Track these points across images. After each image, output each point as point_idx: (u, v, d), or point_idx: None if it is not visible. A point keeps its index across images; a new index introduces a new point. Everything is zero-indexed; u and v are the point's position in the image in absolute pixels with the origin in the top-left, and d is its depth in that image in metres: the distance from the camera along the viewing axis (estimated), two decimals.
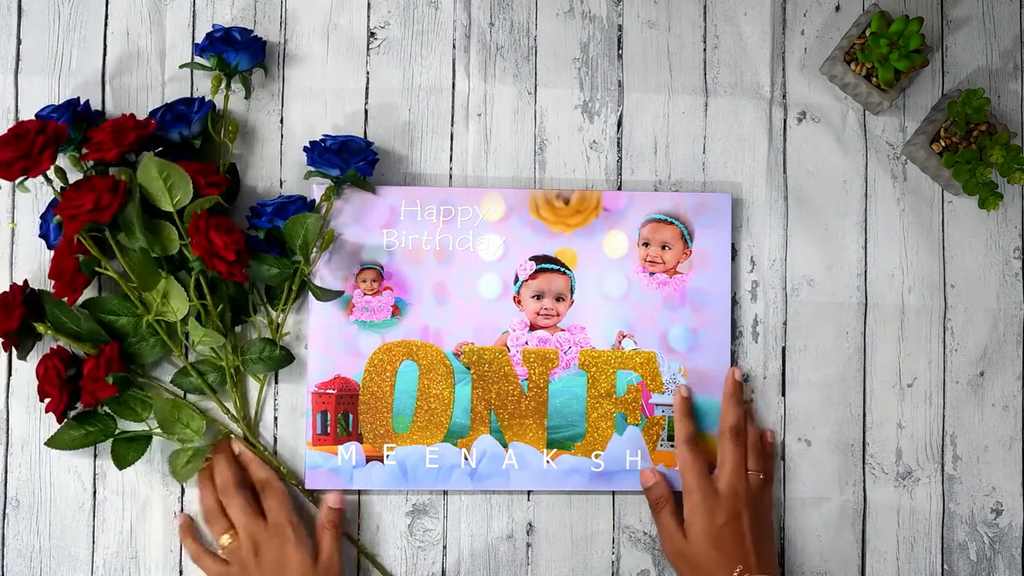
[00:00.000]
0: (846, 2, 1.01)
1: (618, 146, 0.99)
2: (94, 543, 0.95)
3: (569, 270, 0.97)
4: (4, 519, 0.95)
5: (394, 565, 0.96)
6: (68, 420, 0.91)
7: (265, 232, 0.93)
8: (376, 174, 0.97)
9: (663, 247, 0.97)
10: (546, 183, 0.99)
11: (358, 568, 0.96)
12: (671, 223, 0.97)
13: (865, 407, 0.99)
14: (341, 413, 0.95)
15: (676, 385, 0.96)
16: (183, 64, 0.95)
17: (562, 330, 0.96)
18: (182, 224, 0.87)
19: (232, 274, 0.86)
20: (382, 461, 0.95)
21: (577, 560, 0.97)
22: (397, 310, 0.95)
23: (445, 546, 0.96)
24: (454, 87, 0.99)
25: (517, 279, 0.96)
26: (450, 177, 0.98)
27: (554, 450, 0.96)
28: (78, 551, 0.95)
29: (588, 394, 0.96)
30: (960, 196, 1.01)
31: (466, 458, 0.95)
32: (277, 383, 0.96)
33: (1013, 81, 1.02)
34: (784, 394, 0.99)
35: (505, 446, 0.95)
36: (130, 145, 0.87)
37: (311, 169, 0.93)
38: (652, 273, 0.97)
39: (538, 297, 0.96)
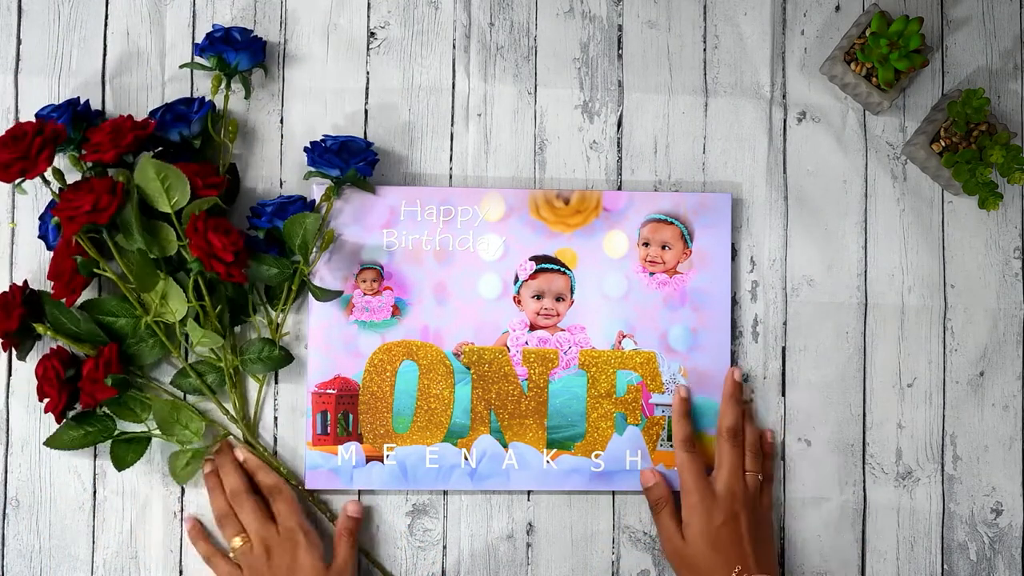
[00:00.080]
0: (846, 2, 1.01)
1: (618, 146, 0.99)
2: (94, 543, 0.95)
3: (569, 270, 0.97)
4: (4, 519, 0.95)
5: (394, 565, 0.96)
6: (67, 420, 0.91)
7: (265, 232, 0.93)
8: (376, 174, 0.97)
9: (663, 247, 0.97)
10: (546, 183, 0.99)
11: (359, 568, 0.96)
12: (671, 223, 0.97)
13: (865, 407, 0.99)
14: (341, 413, 0.95)
15: (675, 385, 0.96)
16: (183, 64, 0.95)
17: (562, 330, 0.96)
18: (180, 225, 0.87)
19: (231, 275, 0.86)
20: (382, 461, 0.95)
21: (577, 560, 0.97)
22: (397, 310, 0.95)
23: (445, 546, 0.96)
24: (454, 87, 0.99)
25: (517, 279, 0.96)
26: (450, 177, 0.98)
27: (554, 450, 0.96)
28: (78, 551, 0.95)
29: (588, 394, 0.96)
30: (960, 196, 1.01)
31: (466, 458, 0.95)
32: (277, 383, 0.96)
33: (1013, 81, 1.02)
34: (784, 394, 0.99)
35: (505, 446, 0.95)
36: (128, 146, 0.87)
37: (311, 169, 0.93)
38: (652, 273, 0.97)
39: (538, 297, 0.96)
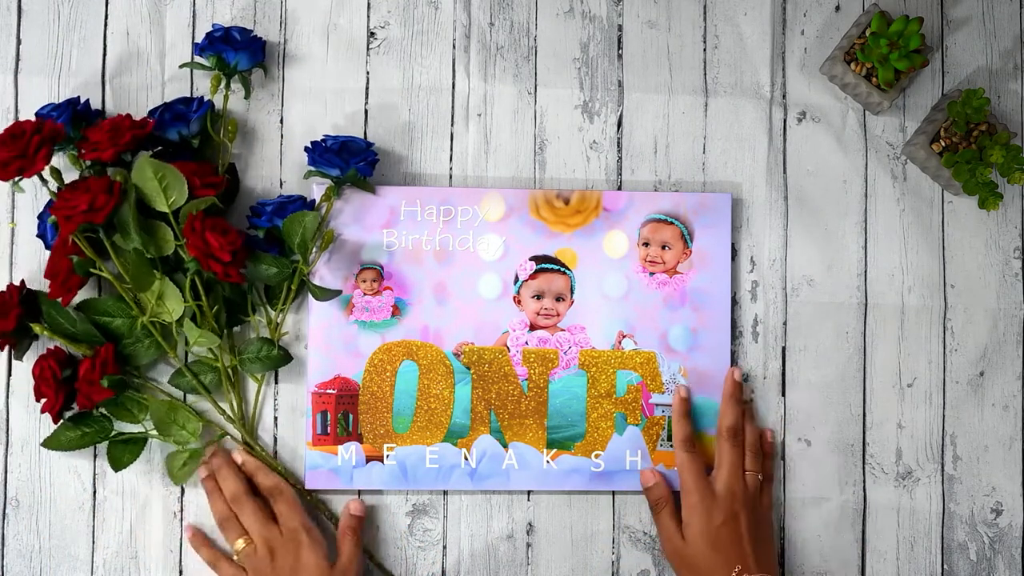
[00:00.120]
0: (846, 2, 1.01)
1: (618, 146, 0.99)
2: (94, 543, 0.95)
3: (569, 270, 0.97)
4: (4, 519, 0.95)
5: (394, 565, 0.96)
6: (64, 421, 0.91)
7: (264, 231, 0.93)
8: (376, 174, 0.97)
9: (663, 247, 0.97)
10: (546, 183, 0.99)
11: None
12: (671, 223, 0.97)
13: (865, 407, 0.99)
14: (341, 413, 0.95)
15: (675, 385, 0.96)
16: (183, 64, 0.95)
17: (562, 330, 0.96)
18: (177, 225, 0.87)
19: (228, 275, 0.86)
20: (382, 461, 0.95)
21: (577, 560, 0.97)
22: (397, 310, 0.95)
23: (445, 546, 0.96)
24: (454, 87, 0.99)
25: (517, 279, 0.96)
26: (450, 177, 0.98)
27: (554, 450, 0.96)
28: (78, 551, 0.95)
29: (588, 394, 0.96)
30: (960, 196, 1.01)
31: (466, 458, 0.95)
32: (277, 383, 0.96)
33: (1013, 81, 1.02)
34: (784, 394, 0.99)
35: (505, 446, 0.95)
36: (126, 145, 0.87)
37: (311, 169, 0.93)
38: (652, 273, 0.97)
39: (538, 297, 0.96)
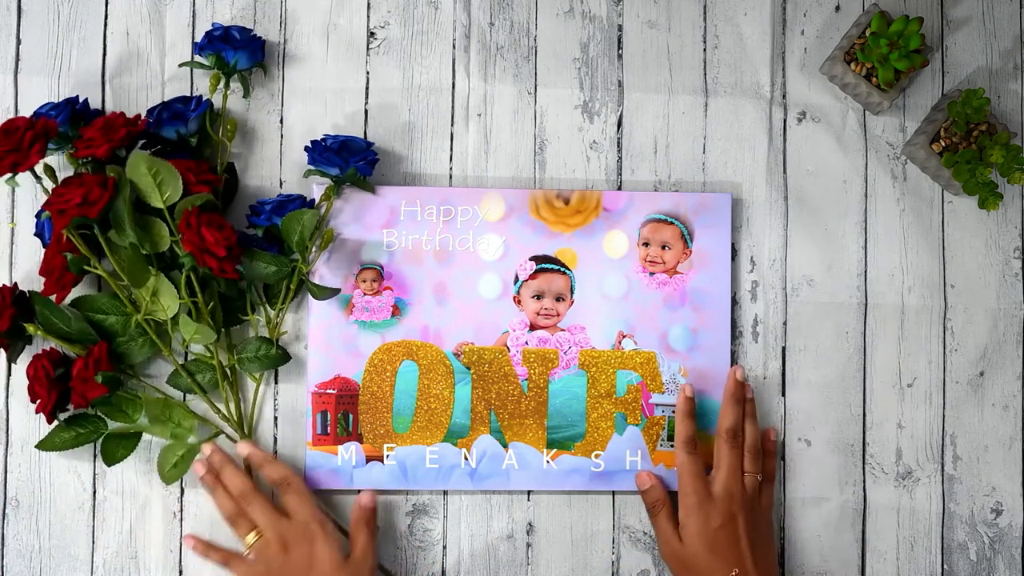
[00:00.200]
0: (846, 2, 1.01)
1: (618, 146, 0.99)
2: (94, 543, 0.95)
3: (569, 270, 0.97)
4: (4, 519, 0.95)
5: (394, 565, 0.96)
6: (59, 423, 0.91)
7: (263, 230, 0.93)
8: (376, 174, 0.97)
9: (663, 247, 0.97)
10: (546, 183, 0.99)
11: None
12: (671, 223, 0.97)
13: (865, 407, 0.99)
14: (341, 413, 0.95)
15: (681, 384, 0.96)
16: (182, 63, 0.95)
17: (562, 330, 0.96)
18: (172, 221, 0.87)
19: (223, 270, 0.86)
20: (382, 461, 0.95)
21: (577, 560, 0.97)
22: (397, 310, 0.95)
23: (445, 546, 0.96)
24: (454, 87, 0.99)
25: (517, 279, 0.96)
26: (450, 177, 0.98)
27: (554, 450, 0.96)
28: (78, 551, 0.95)
29: (588, 394, 0.96)
30: (960, 196, 1.00)
31: (466, 458, 0.95)
32: (277, 383, 0.96)
33: (1013, 81, 1.02)
34: (784, 394, 0.99)
35: (505, 446, 0.95)
36: (120, 141, 0.87)
37: (311, 168, 0.93)
38: (652, 273, 0.97)
39: (538, 297, 0.96)
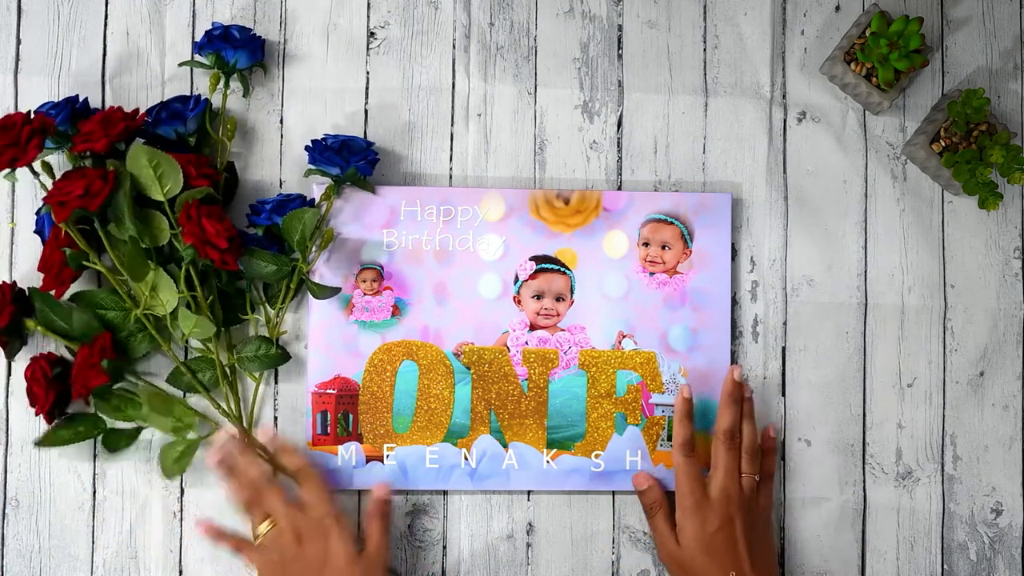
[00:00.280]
0: (846, 2, 1.01)
1: (618, 146, 0.99)
2: (94, 543, 0.95)
3: (569, 270, 0.97)
4: (4, 519, 0.95)
5: (394, 565, 0.96)
6: (57, 422, 0.91)
7: (264, 229, 0.93)
8: (376, 174, 0.97)
9: (663, 247, 0.97)
10: (546, 183, 0.99)
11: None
12: (671, 223, 0.97)
13: (865, 407, 0.99)
14: (341, 413, 0.95)
15: (680, 385, 0.96)
16: (182, 62, 0.95)
17: (562, 330, 0.96)
18: (173, 214, 0.87)
19: (225, 262, 0.86)
20: (382, 461, 0.95)
21: (577, 560, 0.97)
22: (397, 310, 0.95)
23: (445, 546, 0.96)
24: (454, 87, 0.99)
25: (517, 279, 0.96)
26: (450, 177, 0.98)
27: (554, 450, 0.96)
28: (78, 551, 0.94)
29: (588, 394, 0.96)
30: (960, 196, 1.01)
31: (466, 458, 0.95)
32: (277, 383, 0.96)
33: (1013, 81, 1.02)
34: (784, 394, 0.99)
35: (505, 446, 0.95)
36: (119, 135, 0.87)
37: (311, 167, 0.93)
38: (652, 273, 0.97)
39: (538, 297, 0.96)
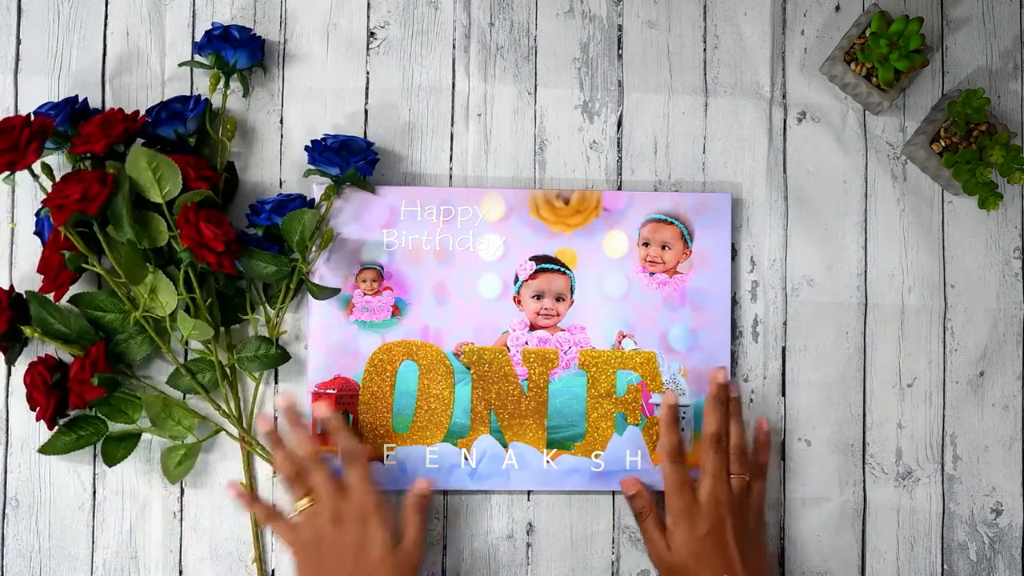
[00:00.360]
0: (846, 2, 1.01)
1: (618, 146, 0.99)
2: (94, 543, 0.95)
3: (569, 270, 0.97)
4: (4, 519, 0.95)
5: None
6: (59, 427, 0.91)
7: (263, 230, 0.93)
8: (376, 174, 0.97)
9: (663, 247, 0.97)
10: (546, 183, 0.99)
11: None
12: (671, 223, 0.97)
13: (865, 407, 0.99)
14: (341, 413, 0.95)
15: (664, 391, 0.96)
16: (182, 62, 0.95)
17: (562, 330, 0.96)
18: (171, 216, 0.87)
19: (221, 265, 0.86)
20: (382, 461, 0.95)
21: (577, 560, 0.97)
22: (397, 310, 0.95)
23: (445, 546, 0.96)
24: (454, 87, 0.99)
25: (517, 279, 0.96)
26: (450, 177, 0.98)
27: (554, 450, 0.96)
28: (78, 551, 0.94)
29: (588, 394, 0.96)
30: (960, 196, 1.01)
31: (466, 458, 0.95)
32: (277, 383, 0.96)
33: (1013, 81, 1.02)
34: (784, 394, 0.99)
35: (505, 446, 0.95)
36: (118, 137, 0.87)
37: (311, 167, 0.93)
38: (652, 273, 0.97)
39: (538, 297, 0.96)
